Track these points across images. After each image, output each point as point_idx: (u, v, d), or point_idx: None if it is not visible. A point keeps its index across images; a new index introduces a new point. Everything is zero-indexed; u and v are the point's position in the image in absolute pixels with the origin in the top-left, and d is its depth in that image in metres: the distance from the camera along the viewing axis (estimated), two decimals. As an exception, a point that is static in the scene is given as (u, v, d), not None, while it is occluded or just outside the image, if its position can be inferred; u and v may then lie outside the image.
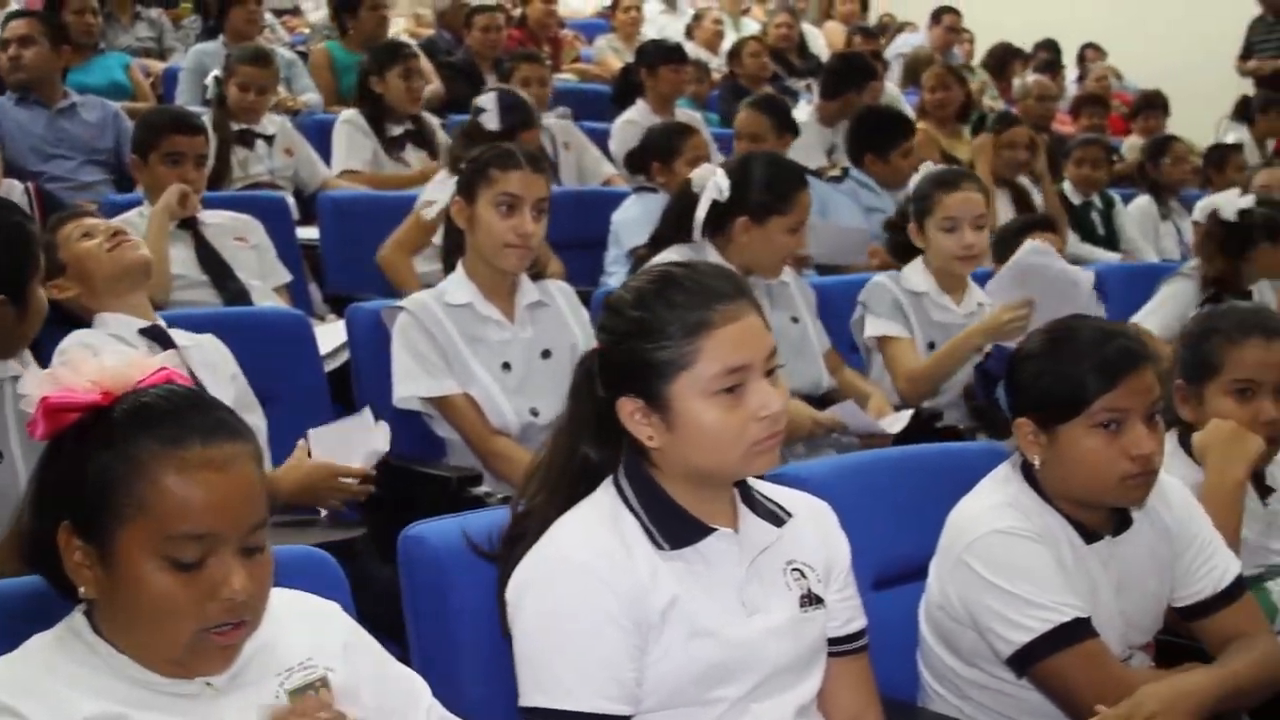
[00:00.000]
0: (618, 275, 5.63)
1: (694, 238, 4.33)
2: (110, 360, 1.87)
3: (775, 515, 2.33)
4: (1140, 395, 2.59)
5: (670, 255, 4.20)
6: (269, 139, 6.37)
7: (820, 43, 11.77)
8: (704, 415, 2.18)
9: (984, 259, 4.79)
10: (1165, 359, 3.29)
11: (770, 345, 2.23)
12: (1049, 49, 12.57)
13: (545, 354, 3.90)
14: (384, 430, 3.61)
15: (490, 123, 5.38)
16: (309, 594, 2.08)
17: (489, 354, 3.84)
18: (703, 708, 2.22)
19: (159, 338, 3.48)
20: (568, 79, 9.50)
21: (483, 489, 3.65)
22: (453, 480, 3.67)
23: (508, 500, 3.33)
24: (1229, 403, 3.11)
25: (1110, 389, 2.57)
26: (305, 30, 9.88)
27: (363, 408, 3.70)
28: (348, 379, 4.14)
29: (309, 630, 2.01)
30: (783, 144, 6.50)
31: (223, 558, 1.80)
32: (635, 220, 5.69)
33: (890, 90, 9.08)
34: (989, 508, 2.67)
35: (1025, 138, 7.43)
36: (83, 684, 1.81)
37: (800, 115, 7.50)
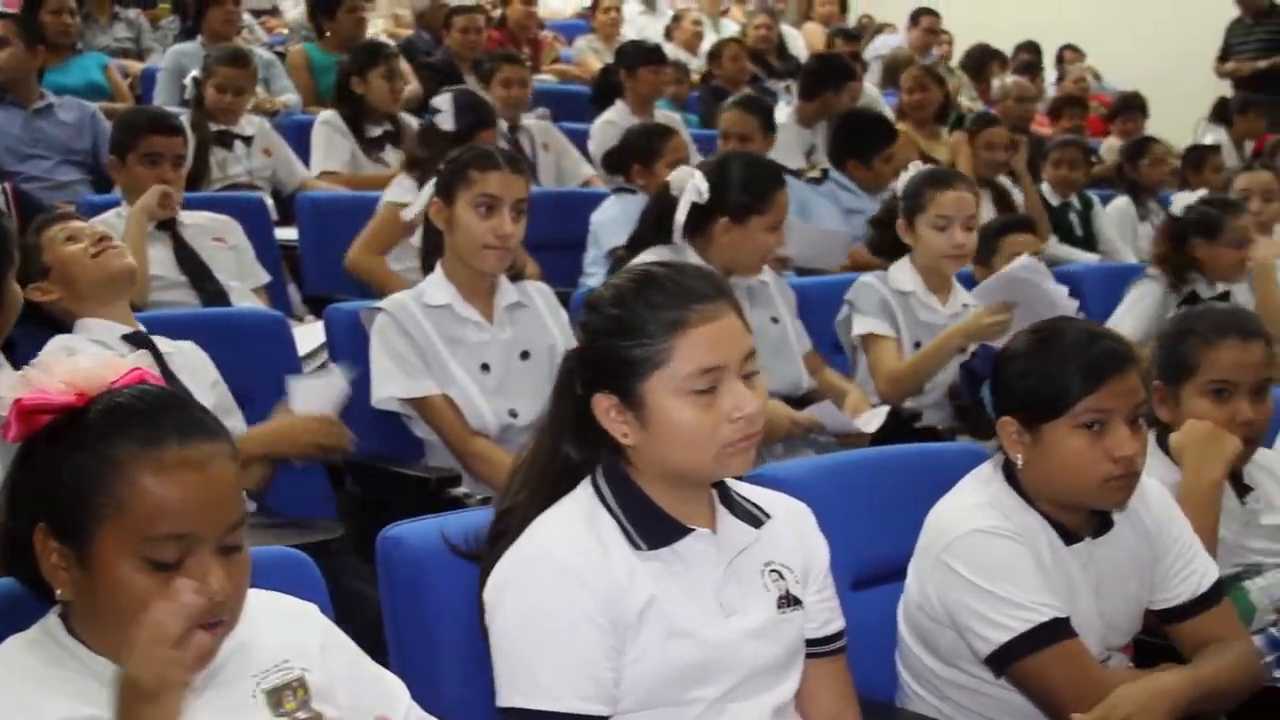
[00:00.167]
0: (597, 276, 5.62)
1: (674, 239, 4.32)
2: (84, 361, 1.86)
3: (754, 516, 2.33)
4: (1124, 397, 2.59)
5: (650, 257, 4.19)
6: (247, 140, 6.35)
7: (799, 44, 11.77)
8: (678, 414, 2.18)
9: (970, 259, 4.80)
10: (1144, 360, 3.29)
11: (748, 347, 2.23)
12: (1030, 51, 12.60)
13: (524, 355, 3.89)
14: (339, 376, 3.67)
15: (446, 123, 5.36)
16: (286, 595, 2.08)
17: (468, 355, 3.83)
18: (680, 708, 2.22)
19: (142, 344, 3.47)
20: (547, 80, 9.49)
21: (461, 490, 3.64)
22: (431, 481, 3.67)
23: (487, 501, 3.36)
24: (1205, 403, 3.12)
25: (1094, 390, 2.57)
26: (284, 31, 9.87)
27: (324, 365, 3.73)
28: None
29: (286, 631, 2.00)
30: (768, 144, 6.53)
31: (201, 558, 1.80)
32: (614, 221, 5.68)
33: (869, 91, 9.08)
34: (969, 507, 2.68)
35: (1004, 138, 7.44)
36: (57, 687, 1.80)
37: (779, 117, 7.49)
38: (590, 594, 2.15)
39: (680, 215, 4.29)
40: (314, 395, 3.62)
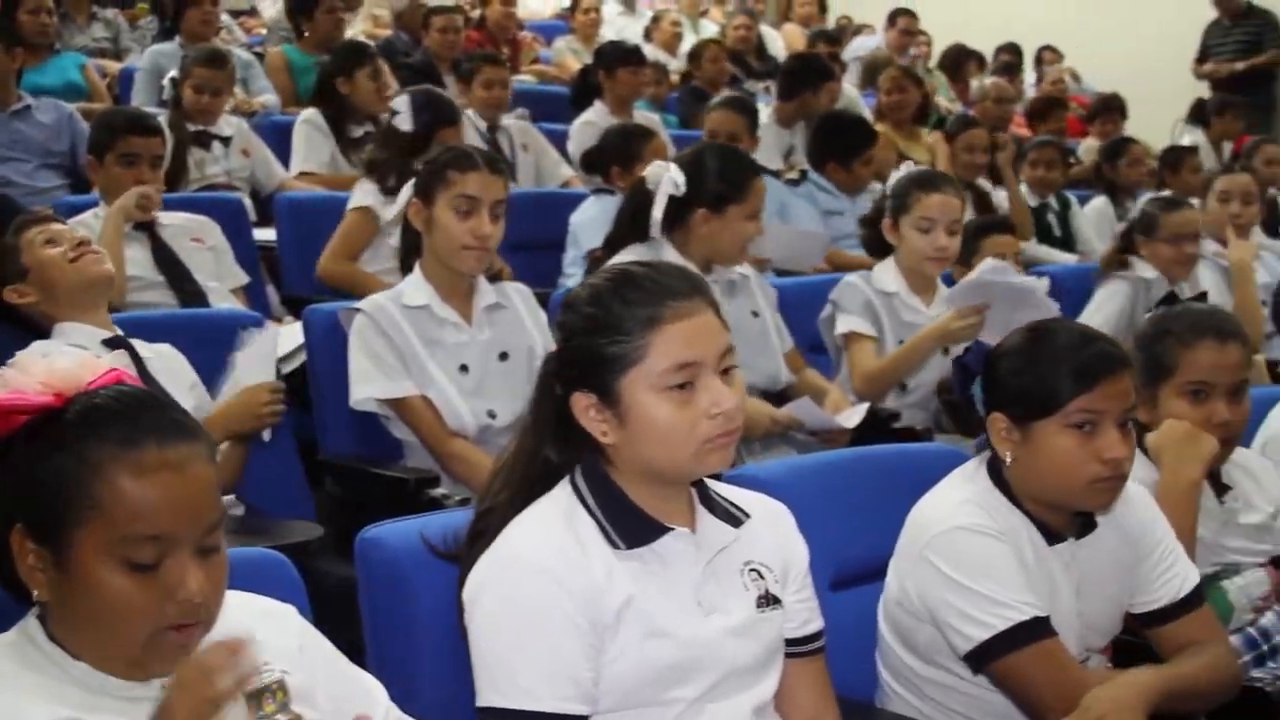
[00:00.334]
0: (576, 277, 5.61)
1: (652, 234, 4.32)
2: (61, 362, 1.85)
3: (733, 516, 2.33)
4: (1116, 399, 2.60)
5: (627, 256, 4.19)
6: (225, 140, 6.33)
7: (779, 45, 11.77)
8: (655, 411, 2.18)
9: (952, 263, 4.81)
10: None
11: (725, 343, 2.23)
12: (1010, 52, 12.63)
13: (503, 356, 3.89)
14: (264, 334, 3.68)
15: (404, 124, 5.34)
16: (264, 596, 2.07)
17: (446, 356, 3.83)
18: (659, 708, 2.22)
19: (121, 348, 3.46)
20: (526, 80, 9.48)
21: (440, 491, 3.63)
22: (410, 482, 3.66)
23: (465, 502, 3.35)
24: (1183, 404, 3.13)
25: (1088, 390, 2.58)
26: (262, 31, 9.85)
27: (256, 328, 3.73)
28: (305, 381, 4.13)
29: (265, 633, 1.99)
30: (754, 144, 6.57)
31: (179, 558, 1.79)
32: (593, 222, 5.67)
33: (849, 92, 9.09)
34: (952, 504, 2.68)
35: (984, 140, 7.45)
36: (36, 690, 1.80)
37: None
38: (568, 593, 2.15)
39: (658, 210, 4.29)
40: (254, 363, 3.59)
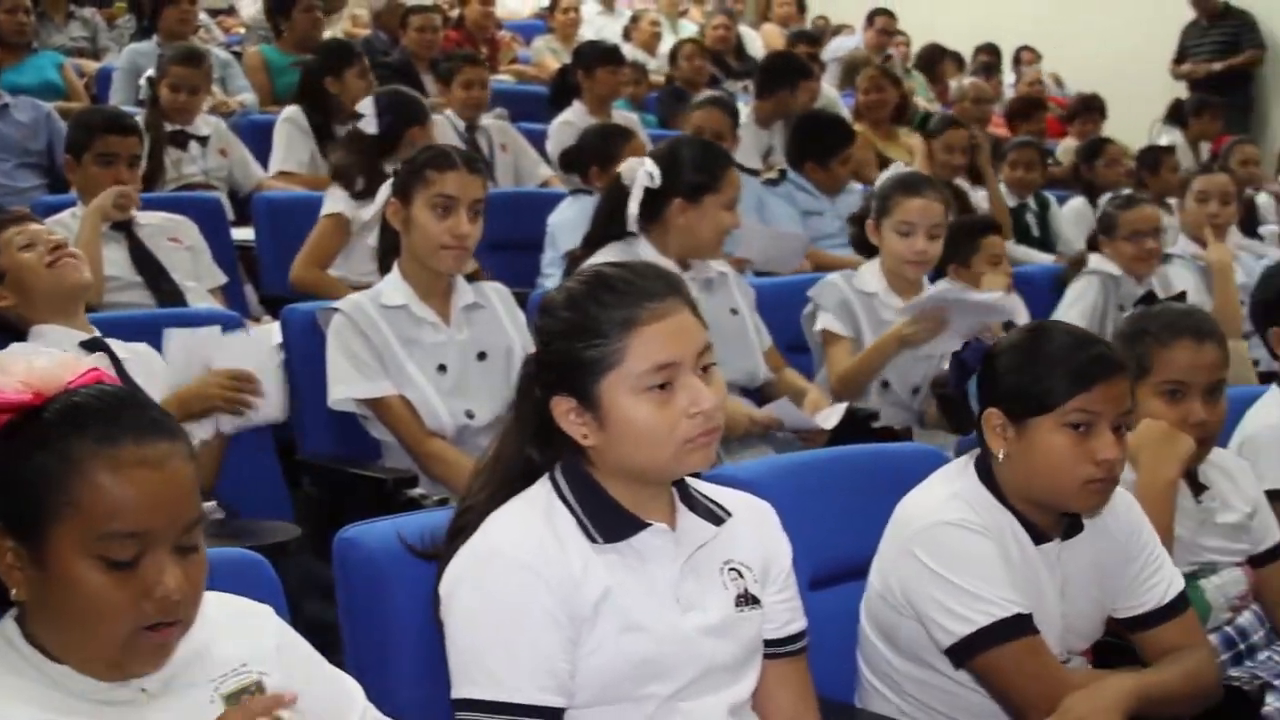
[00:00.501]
0: (554, 277, 5.61)
1: (629, 228, 4.32)
2: (40, 361, 1.85)
3: (714, 514, 2.33)
4: (1113, 402, 2.61)
5: (605, 256, 4.19)
6: (203, 140, 6.31)
7: (757, 45, 11.77)
8: (634, 412, 2.19)
9: (932, 267, 4.82)
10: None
11: (702, 342, 2.24)
12: (989, 52, 12.65)
13: (481, 356, 3.89)
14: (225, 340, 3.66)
15: (369, 127, 5.34)
16: (241, 597, 2.07)
17: (424, 356, 3.82)
18: (634, 704, 2.22)
19: (99, 351, 3.45)
20: (505, 80, 9.47)
21: (418, 491, 3.63)
22: (388, 482, 3.65)
23: (443, 502, 3.36)
24: (1159, 404, 3.13)
25: (1087, 390, 2.59)
26: (240, 30, 9.83)
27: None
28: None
29: (242, 633, 1.99)
30: (736, 144, 6.61)
31: (157, 556, 1.79)
32: (571, 222, 5.66)
33: (828, 92, 9.10)
34: (939, 499, 2.69)
35: (963, 140, 7.42)
36: (13, 692, 1.79)
37: (736, 118, 7.53)
38: (546, 586, 2.15)
39: (634, 203, 4.30)
40: (186, 348, 3.59)
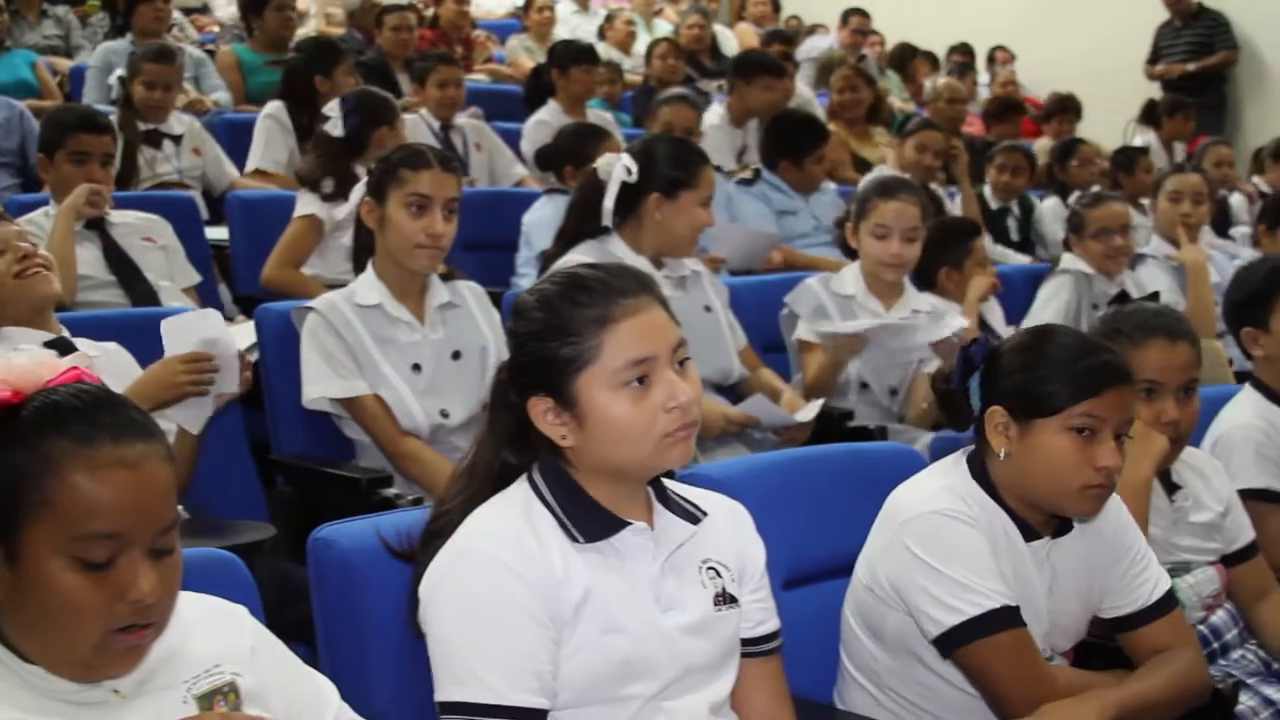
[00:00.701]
0: (529, 277, 5.61)
1: (605, 222, 4.32)
2: (19, 359, 1.84)
3: (690, 513, 2.34)
4: (1119, 410, 2.62)
5: (577, 255, 4.19)
6: (176, 139, 6.30)
7: (732, 44, 11.77)
8: (612, 408, 2.19)
9: (908, 270, 4.82)
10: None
11: (676, 338, 2.24)
12: (963, 52, 12.67)
13: (455, 355, 3.88)
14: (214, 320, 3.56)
15: (335, 129, 5.33)
16: (216, 597, 2.06)
17: (399, 355, 3.82)
18: (616, 705, 2.22)
19: (66, 351, 3.42)
20: (480, 79, 9.46)
21: (392, 490, 3.62)
22: (362, 481, 3.64)
23: (418, 502, 3.35)
24: (1134, 403, 3.14)
25: (1095, 395, 2.60)
26: (214, 29, 9.80)
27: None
28: (257, 380, 4.11)
29: (216, 634, 1.99)
30: (700, 139, 6.63)
31: (132, 558, 1.78)
32: (546, 221, 5.65)
33: (802, 92, 9.10)
34: (930, 491, 2.70)
35: (938, 141, 7.38)
36: (-7, 695, 1.79)
37: (711, 118, 7.53)
38: (527, 587, 2.15)
39: (609, 198, 4.29)
40: (184, 330, 3.52)
